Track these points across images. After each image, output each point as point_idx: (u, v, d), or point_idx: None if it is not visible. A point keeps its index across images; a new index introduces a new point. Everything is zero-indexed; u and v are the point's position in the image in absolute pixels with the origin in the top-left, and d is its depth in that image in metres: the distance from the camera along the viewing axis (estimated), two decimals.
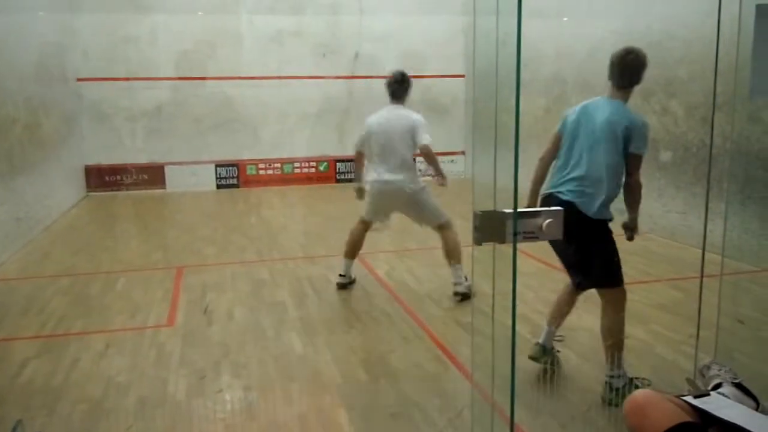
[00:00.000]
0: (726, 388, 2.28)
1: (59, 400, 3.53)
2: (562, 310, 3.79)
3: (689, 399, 2.11)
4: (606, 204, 3.39)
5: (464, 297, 5.05)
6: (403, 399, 3.52)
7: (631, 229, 3.61)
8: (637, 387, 3.33)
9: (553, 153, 3.59)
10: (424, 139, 5.01)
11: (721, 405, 2.08)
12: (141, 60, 10.55)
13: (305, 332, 4.52)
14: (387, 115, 5.17)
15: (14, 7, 7.53)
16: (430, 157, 5.04)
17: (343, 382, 3.75)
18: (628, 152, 3.35)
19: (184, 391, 3.65)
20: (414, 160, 5.21)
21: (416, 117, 5.08)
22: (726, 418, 1.98)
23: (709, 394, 2.17)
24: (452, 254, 5.12)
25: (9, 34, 7.26)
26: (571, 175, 3.44)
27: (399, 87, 5.17)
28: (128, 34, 10.45)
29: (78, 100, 10.34)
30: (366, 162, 5.35)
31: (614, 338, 3.47)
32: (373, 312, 4.92)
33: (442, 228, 5.20)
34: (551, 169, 3.61)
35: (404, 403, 3.47)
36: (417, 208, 5.22)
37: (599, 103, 3.46)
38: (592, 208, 3.36)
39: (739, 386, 2.31)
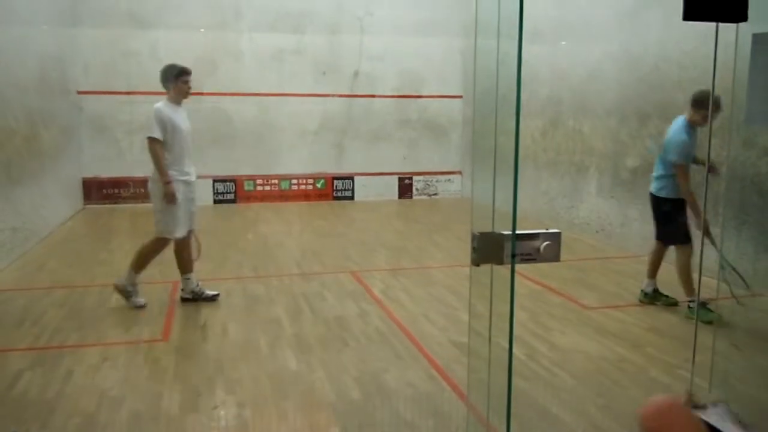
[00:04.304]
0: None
1: (53, 413, 3.52)
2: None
3: (705, 417, 2.11)
4: None
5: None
6: (396, 418, 3.51)
7: None
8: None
9: None
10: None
11: None
12: (141, 74, 10.57)
13: (300, 349, 4.51)
14: None
15: (16, 20, 7.58)
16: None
17: (336, 400, 3.74)
18: None
19: (178, 406, 3.64)
20: None
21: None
22: None
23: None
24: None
25: (11, 46, 7.31)
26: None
27: None
28: (129, 49, 10.51)
29: (78, 112, 10.37)
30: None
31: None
32: (368, 330, 4.91)
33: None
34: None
35: (398, 422, 3.47)
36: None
37: None
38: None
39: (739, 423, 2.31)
